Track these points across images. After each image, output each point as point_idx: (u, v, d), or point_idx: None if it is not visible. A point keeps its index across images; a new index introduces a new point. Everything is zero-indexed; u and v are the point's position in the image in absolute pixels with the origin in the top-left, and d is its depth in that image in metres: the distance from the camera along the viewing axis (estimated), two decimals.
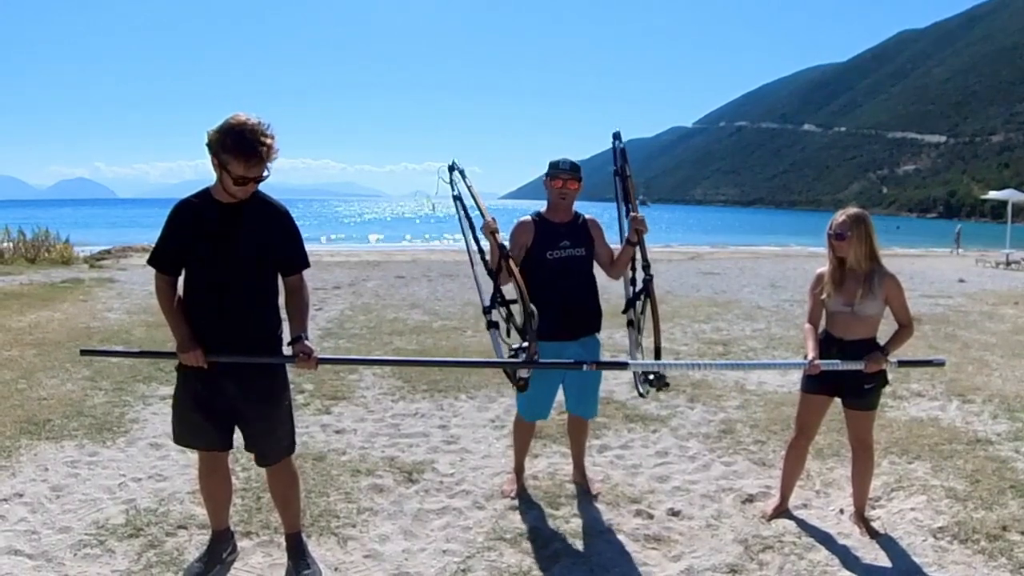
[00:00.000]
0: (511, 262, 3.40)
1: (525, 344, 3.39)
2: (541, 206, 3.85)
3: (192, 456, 3.22)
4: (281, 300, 2.97)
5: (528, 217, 3.77)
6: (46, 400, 5.36)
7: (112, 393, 5.58)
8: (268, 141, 2.67)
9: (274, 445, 3.00)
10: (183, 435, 3.00)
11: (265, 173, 2.73)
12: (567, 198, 3.71)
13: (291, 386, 3.11)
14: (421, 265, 18.99)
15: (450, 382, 6.09)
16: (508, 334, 3.54)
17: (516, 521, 3.64)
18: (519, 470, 4.06)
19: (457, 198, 3.65)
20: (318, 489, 3.91)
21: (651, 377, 3.55)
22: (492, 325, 3.54)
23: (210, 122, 2.75)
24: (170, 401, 3.11)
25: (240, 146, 2.63)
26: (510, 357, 3.40)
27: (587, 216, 3.81)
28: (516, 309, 3.53)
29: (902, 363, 3.44)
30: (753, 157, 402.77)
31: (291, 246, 2.93)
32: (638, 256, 3.69)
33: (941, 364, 3.61)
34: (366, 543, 3.38)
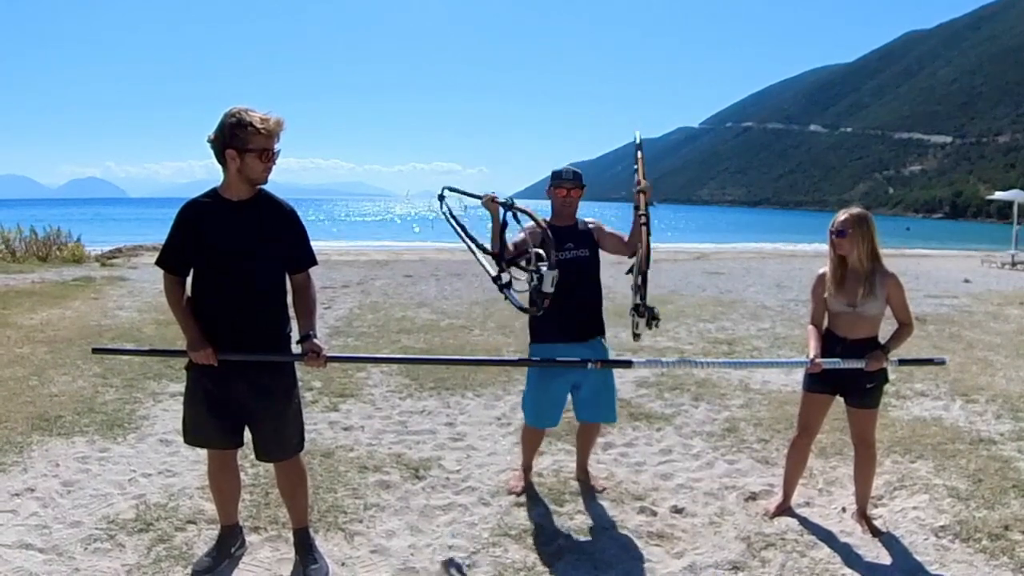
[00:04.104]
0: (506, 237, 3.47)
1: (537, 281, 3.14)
2: (546, 205, 3.91)
3: (201, 452, 3.26)
4: (289, 299, 3.01)
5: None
6: (57, 397, 5.42)
7: (123, 390, 5.64)
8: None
9: (283, 442, 3.04)
10: (194, 434, 3.04)
11: (277, 147, 2.79)
12: (571, 206, 3.78)
13: (300, 383, 3.15)
14: (429, 264, 19.01)
15: (457, 380, 6.13)
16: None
17: (521, 517, 3.68)
18: (527, 468, 4.10)
19: (449, 215, 4.06)
20: (326, 485, 3.96)
21: (642, 310, 3.27)
22: (506, 286, 3.43)
23: None
24: (180, 398, 3.14)
25: (254, 120, 2.70)
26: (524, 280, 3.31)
27: (588, 220, 3.87)
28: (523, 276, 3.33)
29: (903, 361, 3.49)
30: (759, 158, 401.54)
31: (298, 244, 2.98)
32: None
33: (942, 363, 3.66)
34: (373, 538, 3.42)
